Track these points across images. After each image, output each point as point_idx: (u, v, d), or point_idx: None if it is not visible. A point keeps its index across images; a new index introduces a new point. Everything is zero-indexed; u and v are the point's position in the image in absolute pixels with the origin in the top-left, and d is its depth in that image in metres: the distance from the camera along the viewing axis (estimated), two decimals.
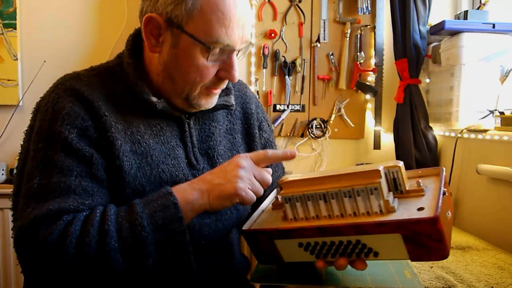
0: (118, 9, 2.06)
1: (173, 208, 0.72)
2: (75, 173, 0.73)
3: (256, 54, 2.06)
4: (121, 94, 0.83)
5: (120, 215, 0.71)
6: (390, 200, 0.69)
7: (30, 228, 0.68)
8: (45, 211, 0.69)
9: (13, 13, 2.03)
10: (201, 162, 0.89)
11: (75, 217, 0.70)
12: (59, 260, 0.66)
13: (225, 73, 0.82)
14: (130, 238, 0.69)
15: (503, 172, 1.26)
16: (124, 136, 0.79)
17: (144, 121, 0.83)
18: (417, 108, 1.69)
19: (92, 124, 0.76)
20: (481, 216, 1.41)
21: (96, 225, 0.69)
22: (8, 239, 1.95)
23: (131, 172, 0.78)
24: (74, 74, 0.84)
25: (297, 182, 0.76)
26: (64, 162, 0.73)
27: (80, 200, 0.72)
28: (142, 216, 0.70)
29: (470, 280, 0.91)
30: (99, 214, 0.71)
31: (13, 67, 2.05)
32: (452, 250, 1.12)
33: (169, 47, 0.79)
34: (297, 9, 2.05)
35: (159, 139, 0.84)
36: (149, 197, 0.74)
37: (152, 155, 0.81)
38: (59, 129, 0.74)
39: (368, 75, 2.07)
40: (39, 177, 0.72)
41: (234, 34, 0.77)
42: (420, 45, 1.66)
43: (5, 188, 1.91)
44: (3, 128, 2.01)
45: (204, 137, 0.91)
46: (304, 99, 2.08)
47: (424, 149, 1.67)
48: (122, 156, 0.77)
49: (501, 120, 1.35)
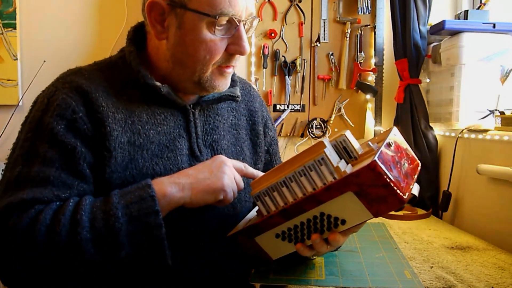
0: (118, 9, 2.06)
1: (150, 200, 0.70)
2: (56, 165, 0.73)
3: (256, 54, 2.05)
4: (124, 85, 0.83)
5: (95, 205, 0.70)
6: (341, 166, 0.69)
7: (1, 215, 0.68)
8: (19, 199, 0.69)
9: (13, 13, 2.03)
10: (204, 153, 0.89)
11: (47, 206, 0.69)
12: (28, 247, 0.65)
13: (234, 47, 0.81)
14: (103, 229, 0.67)
15: (503, 172, 1.25)
16: (123, 126, 0.79)
17: (148, 110, 0.83)
18: (417, 108, 1.69)
19: (84, 116, 0.76)
20: (481, 216, 1.41)
21: (68, 214, 0.67)
22: None
23: (123, 164, 0.78)
24: (76, 68, 0.85)
25: (262, 178, 0.79)
26: (47, 153, 0.73)
27: (56, 192, 0.72)
28: (117, 207, 0.69)
29: (471, 280, 0.91)
30: (72, 204, 0.70)
31: (13, 67, 2.05)
32: (452, 250, 1.12)
33: (175, 30, 0.79)
34: (297, 9, 2.05)
35: (161, 128, 0.83)
36: (127, 189, 0.73)
37: (148, 148, 0.81)
38: (48, 120, 0.75)
39: (368, 75, 2.07)
40: (21, 165, 0.73)
41: (238, 4, 0.77)
42: (420, 45, 1.66)
43: None
44: (2, 128, 2.00)
45: (208, 129, 0.91)
46: (304, 99, 2.08)
47: (424, 149, 1.67)
48: (117, 147, 0.77)
49: (501, 120, 1.35)
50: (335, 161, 0.70)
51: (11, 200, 0.69)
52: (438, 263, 1.01)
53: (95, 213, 0.69)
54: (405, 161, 0.72)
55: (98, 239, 0.67)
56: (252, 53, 2.05)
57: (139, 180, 0.77)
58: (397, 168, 0.68)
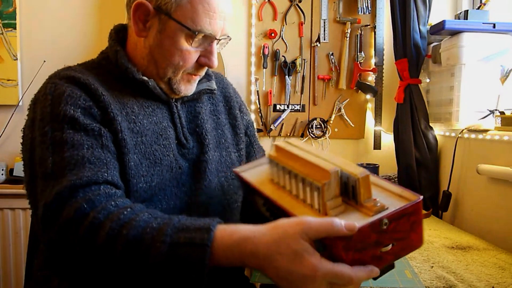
0: (118, 9, 2.06)
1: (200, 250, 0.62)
2: (86, 146, 0.75)
3: (256, 54, 2.05)
4: (111, 81, 0.87)
5: (151, 226, 0.65)
6: (330, 204, 0.66)
7: (54, 205, 0.68)
8: (65, 183, 0.69)
9: (12, 13, 2.03)
10: (190, 141, 0.93)
11: (105, 204, 0.68)
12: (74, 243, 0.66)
13: (205, 59, 0.89)
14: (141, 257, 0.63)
15: (503, 172, 1.26)
16: (120, 115, 0.83)
17: (137, 103, 0.88)
18: (417, 108, 1.69)
19: (94, 104, 0.79)
20: (481, 216, 1.41)
21: (118, 223, 0.65)
22: (8, 239, 1.95)
23: (130, 147, 0.81)
24: (65, 67, 0.88)
25: (285, 152, 0.76)
26: (73, 138, 0.74)
27: (96, 168, 0.73)
28: (165, 241, 0.62)
29: (471, 280, 0.91)
30: (129, 213, 0.67)
31: (13, 67, 2.05)
32: (453, 250, 1.12)
33: (155, 32, 0.86)
34: (297, 9, 2.05)
35: (152, 119, 0.88)
36: (189, 221, 0.66)
37: (146, 134, 0.85)
38: (63, 110, 0.76)
39: (368, 75, 2.07)
40: (51, 157, 0.73)
41: (216, 25, 0.86)
42: (420, 45, 1.66)
43: (5, 188, 1.91)
44: (3, 128, 2.00)
45: (191, 117, 0.97)
46: (304, 99, 2.08)
47: (424, 149, 1.67)
48: (123, 131, 0.81)
49: (501, 120, 1.35)
50: (331, 195, 0.66)
51: (58, 188, 0.69)
52: (438, 262, 1.01)
53: (145, 235, 0.64)
54: (394, 241, 0.64)
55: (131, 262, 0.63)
56: (252, 53, 2.05)
57: (144, 164, 0.81)
58: (369, 251, 0.62)
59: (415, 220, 0.64)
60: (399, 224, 0.63)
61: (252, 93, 2.07)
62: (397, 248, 0.64)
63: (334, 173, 0.66)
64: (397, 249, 0.65)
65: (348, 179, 0.68)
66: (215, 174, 0.95)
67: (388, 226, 0.61)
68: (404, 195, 0.68)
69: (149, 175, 0.83)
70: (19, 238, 1.95)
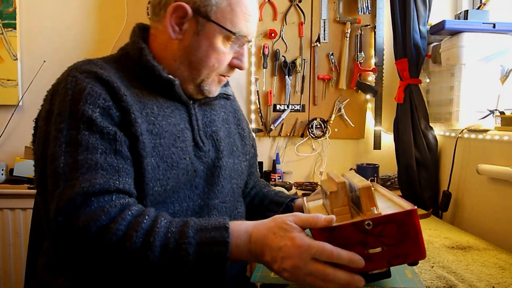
0: (118, 9, 2.06)
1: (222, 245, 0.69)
2: (100, 150, 0.74)
3: (256, 54, 2.06)
4: (132, 79, 0.87)
5: (171, 230, 0.70)
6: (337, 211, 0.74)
7: (67, 210, 0.68)
8: (78, 189, 0.69)
9: (13, 13, 2.03)
10: (206, 144, 0.94)
11: (121, 214, 0.69)
12: (96, 252, 0.68)
13: (237, 61, 0.92)
14: (172, 260, 0.68)
15: (503, 172, 1.26)
16: (140, 115, 0.82)
17: (157, 103, 0.88)
18: (417, 108, 1.69)
19: (114, 104, 0.78)
20: (481, 216, 1.41)
21: (142, 232, 0.68)
22: (8, 239, 1.95)
23: (148, 150, 0.80)
24: (86, 60, 0.86)
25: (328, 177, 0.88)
26: (88, 140, 0.74)
27: (108, 175, 0.73)
28: (191, 242, 0.69)
29: (471, 279, 0.91)
30: (147, 221, 0.70)
31: (13, 67, 2.05)
32: (453, 250, 1.12)
33: (192, 34, 0.87)
34: (297, 9, 2.05)
35: (171, 120, 0.88)
36: (205, 222, 0.73)
37: (164, 136, 0.85)
38: (82, 108, 0.75)
39: (368, 75, 2.07)
40: (63, 156, 0.73)
41: (251, 28, 0.90)
42: (420, 45, 1.66)
43: (5, 188, 1.90)
44: (3, 128, 2.00)
45: (207, 122, 0.98)
46: (304, 99, 2.08)
47: (424, 149, 1.67)
48: (143, 133, 0.80)
49: (501, 120, 1.35)
50: (338, 203, 0.75)
51: (70, 193, 0.69)
52: (438, 262, 1.01)
53: (168, 240, 0.69)
54: (384, 246, 0.68)
55: (164, 266, 0.68)
56: (252, 53, 2.05)
57: (161, 167, 0.81)
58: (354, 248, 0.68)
59: (407, 230, 0.68)
60: (386, 229, 0.68)
61: (252, 93, 2.07)
62: (388, 253, 0.69)
63: (341, 184, 0.75)
64: (388, 255, 0.69)
65: (354, 190, 0.76)
66: (228, 180, 0.97)
67: (373, 228, 0.67)
68: (401, 205, 0.74)
69: (165, 179, 0.82)
70: (19, 238, 1.95)
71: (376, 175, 1.90)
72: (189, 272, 0.68)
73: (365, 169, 1.92)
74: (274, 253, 0.69)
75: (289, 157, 2.13)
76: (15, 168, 1.93)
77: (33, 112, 0.85)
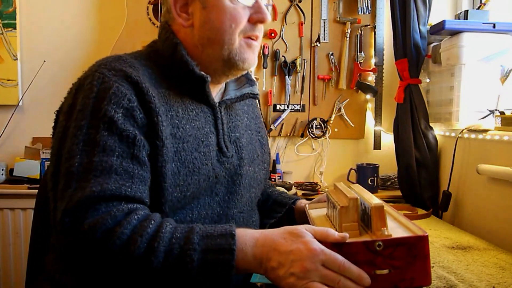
0: (118, 9, 2.06)
1: (228, 253, 0.68)
2: (116, 153, 0.72)
3: None
4: (161, 78, 0.85)
5: (176, 236, 0.69)
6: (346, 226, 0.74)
7: (75, 213, 0.67)
8: (88, 192, 0.67)
9: (13, 13, 2.03)
10: (230, 149, 0.92)
11: (127, 218, 0.68)
12: (99, 255, 0.67)
13: (257, 15, 0.86)
14: (176, 266, 0.67)
15: (503, 172, 1.26)
16: (166, 118, 0.80)
17: (182, 106, 0.85)
18: (417, 108, 1.69)
19: (139, 105, 0.76)
20: (481, 216, 1.41)
21: (147, 237, 0.67)
22: (8, 239, 1.95)
23: (170, 155, 0.78)
24: (116, 56, 0.84)
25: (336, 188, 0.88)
26: (106, 142, 0.72)
27: (121, 181, 0.71)
28: (196, 249, 0.67)
29: (472, 280, 0.91)
30: (153, 226, 0.69)
31: (13, 67, 2.05)
32: (453, 250, 1.12)
33: (200, 12, 0.85)
34: (297, 9, 2.05)
35: (195, 124, 0.86)
36: (211, 229, 0.71)
37: (188, 141, 0.82)
38: (105, 108, 0.73)
39: (368, 75, 2.07)
40: (79, 155, 0.71)
41: None
42: (420, 45, 1.66)
43: (5, 188, 1.90)
44: (3, 128, 2.00)
45: (232, 127, 0.95)
46: (304, 99, 2.08)
47: (424, 149, 1.67)
48: (167, 137, 0.78)
49: (501, 120, 1.35)
50: (348, 219, 0.75)
51: (80, 195, 0.67)
52: (439, 262, 1.01)
53: (173, 245, 0.68)
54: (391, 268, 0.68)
55: (168, 272, 0.67)
56: None
57: (182, 172, 0.79)
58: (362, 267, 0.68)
59: (417, 254, 0.68)
60: (396, 252, 0.68)
61: None
62: (395, 276, 0.68)
63: (353, 200, 0.75)
64: (395, 277, 0.69)
65: (366, 208, 0.76)
66: (248, 189, 0.95)
67: (383, 249, 0.67)
68: (408, 227, 0.76)
69: (185, 185, 0.80)
70: (19, 238, 1.95)
71: (376, 175, 1.90)
72: (193, 279, 0.67)
73: (365, 169, 1.92)
74: (283, 257, 0.67)
75: (289, 157, 2.13)
76: (15, 168, 1.93)
77: (33, 112, 0.85)
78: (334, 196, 0.83)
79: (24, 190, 1.88)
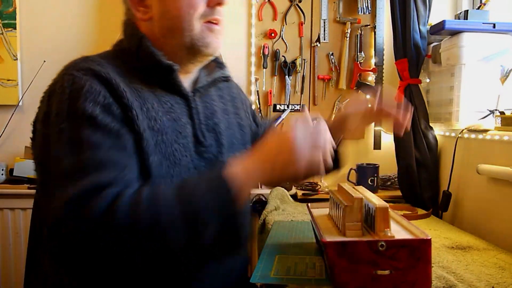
0: (118, 9, 2.05)
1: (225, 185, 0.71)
2: (105, 147, 0.72)
3: (256, 54, 2.05)
4: (130, 73, 0.84)
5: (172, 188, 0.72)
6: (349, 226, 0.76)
7: (69, 207, 0.66)
8: (81, 187, 0.67)
9: (13, 13, 2.03)
10: (208, 138, 0.91)
11: (120, 193, 0.68)
12: (106, 233, 0.66)
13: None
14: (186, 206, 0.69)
15: (503, 172, 1.26)
16: (141, 112, 0.80)
17: (155, 99, 0.85)
18: (417, 108, 1.69)
19: (114, 101, 0.76)
20: (481, 216, 1.41)
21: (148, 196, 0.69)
22: (8, 239, 1.95)
23: (151, 148, 0.79)
24: (83, 57, 0.84)
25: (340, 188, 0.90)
26: (92, 138, 0.71)
27: (114, 172, 0.71)
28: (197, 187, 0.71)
29: (471, 280, 0.91)
30: (148, 189, 0.70)
31: (13, 67, 2.05)
32: (453, 250, 1.12)
33: (157, 3, 0.85)
34: (297, 9, 2.05)
35: (171, 116, 0.86)
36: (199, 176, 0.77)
37: (166, 132, 0.83)
38: (82, 106, 0.72)
39: (368, 75, 2.07)
40: (67, 157, 0.70)
41: None
42: (420, 45, 1.66)
43: (5, 188, 1.90)
44: (3, 128, 2.00)
45: (208, 114, 0.94)
46: (304, 99, 2.08)
47: (424, 149, 1.67)
48: (145, 130, 0.78)
49: (501, 120, 1.35)
50: (352, 218, 0.76)
51: (73, 191, 0.67)
52: (438, 262, 1.01)
53: (176, 193, 0.70)
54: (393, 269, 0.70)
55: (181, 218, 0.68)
56: (252, 53, 2.05)
57: (164, 164, 0.80)
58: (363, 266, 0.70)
59: (420, 257, 0.69)
60: (399, 253, 0.69)
61: (252, 93, 2.07)
62: (396, 278, 0.69)
63: (358, 200, 0.76)
64: (396, 279, 0.70)
65: (370, 209, 0.76)
66: None
67: (386, 250, 0.68)
68: (411, 230, 0.77)
69: (168, 176, 0.81)
70: (19, 238, 1.95)
71: (376, 175, 1.90)
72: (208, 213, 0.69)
73: (365, 169, 1.92)
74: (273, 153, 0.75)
75: None
76: (15, 168, 1.93)
77: (33, 112, 0.84)
78: (338, 196, 0.83)
79: (24, 190, 1.88)
